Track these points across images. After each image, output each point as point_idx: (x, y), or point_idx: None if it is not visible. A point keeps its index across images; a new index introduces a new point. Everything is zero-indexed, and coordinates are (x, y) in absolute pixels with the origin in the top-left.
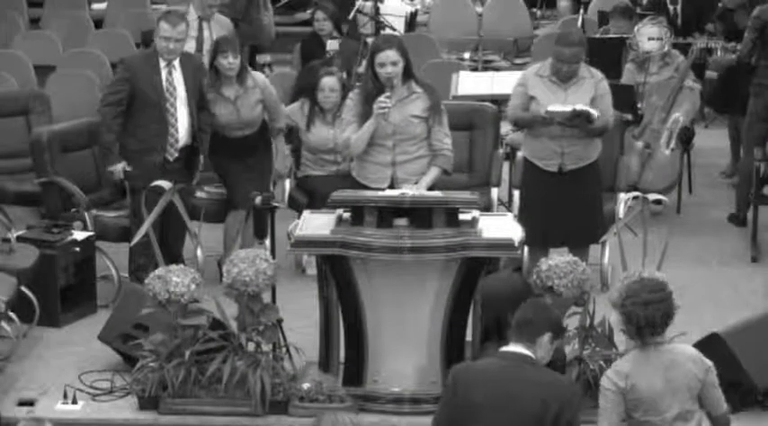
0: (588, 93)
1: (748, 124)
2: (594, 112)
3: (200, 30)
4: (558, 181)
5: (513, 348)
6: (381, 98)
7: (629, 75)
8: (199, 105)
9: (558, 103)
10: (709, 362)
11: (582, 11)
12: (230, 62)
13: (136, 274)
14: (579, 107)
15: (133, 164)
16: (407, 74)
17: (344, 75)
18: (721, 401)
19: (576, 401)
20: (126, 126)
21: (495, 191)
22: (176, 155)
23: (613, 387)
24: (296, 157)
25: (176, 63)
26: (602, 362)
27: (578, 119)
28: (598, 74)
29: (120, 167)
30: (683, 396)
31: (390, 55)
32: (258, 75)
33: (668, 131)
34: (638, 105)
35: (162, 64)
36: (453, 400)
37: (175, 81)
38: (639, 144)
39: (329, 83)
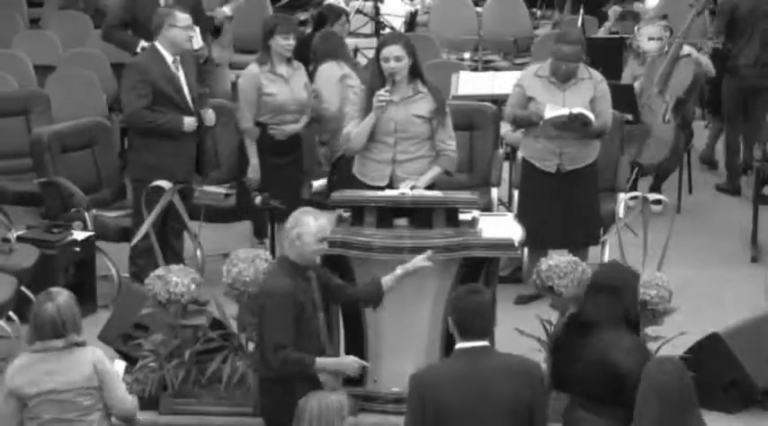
0: (587, 94)
1: (726, 101)
2: (591, 115)
3: None
4: (557, 181)
5: (469, 344)
6: (381, 91)
7: (629, 68)
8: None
9: (555, 106)
10: None
11: (582, 11)
12: (289, 43)
13: (136, 275)
14: (576, 110)
15: (164, 168)
16: (414, 73)
17: None
18: None
19: (542, 380)
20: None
21: (495, 191)
22: None
23: None
24: None
25: (178, 58)
26: None
27: (575, 123)
28: (598, 75)
29: (191, 120)
30: None
31: (394, 50)
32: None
33: (665, 104)
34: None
35: (169, 60)
36: (422, 407)
37: (182, 76)
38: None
39: None
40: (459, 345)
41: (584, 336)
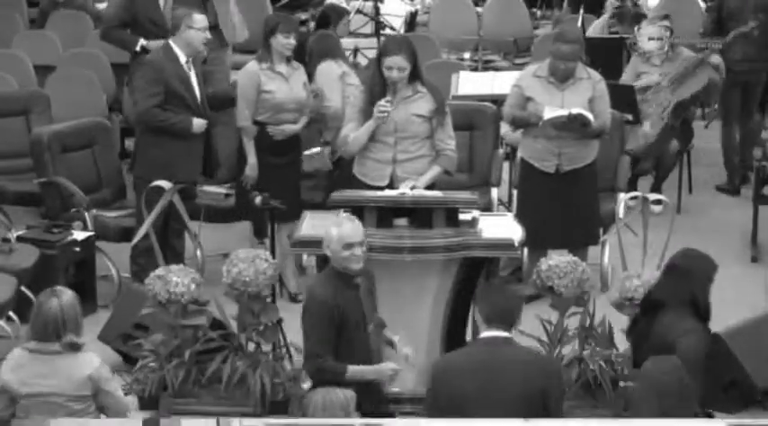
0: (585, 94)
1: (722, 97)
2: (590, 116)
3: None
4: (556, 181)
5: (492, 333)
6: (382, 102)
7: (633, 65)
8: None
9: (554, 106)
10: None
11: (582, 10)
12: (290, 42)
13: (137, 275)
14: (575, 111)
15: (172, 167)
16: (414, 74)
17: None
18: None
19: (558, 373)
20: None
21: (495, 191)
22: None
23: None
24: None
25: (191, 59)
26: (602, 362)
27: (574, 123)
28: (596, 75)
29: (200, 122)
30: None
31: (398, 60)
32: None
33: (668, 101)
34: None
35: (183, 60)
36: (437, 397)
37: (194, 77)
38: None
39: None
40: (483, 334)
41: (652, 318)
